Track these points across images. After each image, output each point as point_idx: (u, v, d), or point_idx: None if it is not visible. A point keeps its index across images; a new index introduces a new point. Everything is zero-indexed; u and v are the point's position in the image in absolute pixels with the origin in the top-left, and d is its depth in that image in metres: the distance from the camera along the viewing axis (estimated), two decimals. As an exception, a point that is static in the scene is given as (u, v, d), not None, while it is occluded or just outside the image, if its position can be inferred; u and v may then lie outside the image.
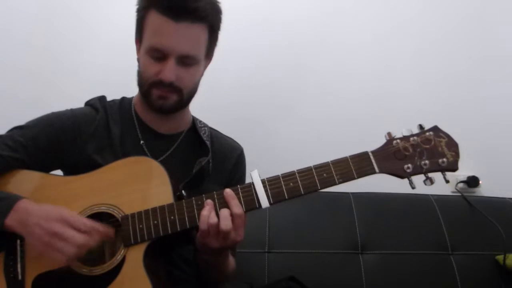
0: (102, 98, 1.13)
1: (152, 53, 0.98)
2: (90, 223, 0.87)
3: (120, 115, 1.10)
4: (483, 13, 1.87)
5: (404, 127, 0.92)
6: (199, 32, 0.99)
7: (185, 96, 1.04)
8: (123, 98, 1.16)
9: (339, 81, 1.85)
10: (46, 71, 1.76)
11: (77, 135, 1.04)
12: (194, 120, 1.18)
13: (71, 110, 1.09)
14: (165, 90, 1.00)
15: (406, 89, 1.85)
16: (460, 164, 0.90)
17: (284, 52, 1.84)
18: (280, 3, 1.88)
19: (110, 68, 1.78)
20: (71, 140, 1.03)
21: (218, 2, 1.02)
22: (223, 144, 1.18)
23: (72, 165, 1.02)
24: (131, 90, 1.20)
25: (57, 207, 0.88)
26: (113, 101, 1.15)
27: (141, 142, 1.08)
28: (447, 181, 0.91)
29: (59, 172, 1.10)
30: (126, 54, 1.79)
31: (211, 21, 1.00)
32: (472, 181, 1.76)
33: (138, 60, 1.05)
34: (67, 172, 1.07)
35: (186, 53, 0.98)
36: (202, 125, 1.18)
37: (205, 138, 1.12)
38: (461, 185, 1.77)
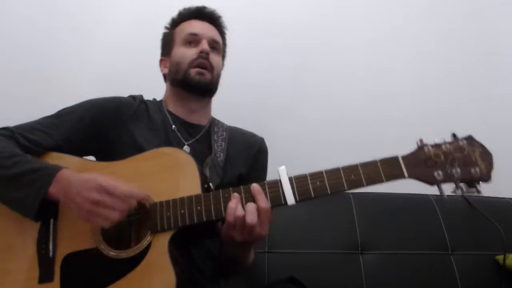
0: (139, 95, 1.24)
1: (187, 40, 1.21)
2: (127, 189, 0.89)
3: (154, 108, 1.22)
4: (483, 13, 1.87)
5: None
6: (215, 30, 1.28)
7: (214, 79, 1.22)
8: (154, 99, 1.28)
9: (339, 81, 1.85)
10: (46, 71, 1.77)
11: (118, 115, 1.13)
12: (213, 120, 1.28)
13: (111, 96, 1.18)
14: (202, 64, 1.18)
15: (406, 89, 1.85)
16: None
17: (284, 53, 1.84)
18: (280, 4, 1.88)
19: (109, 68, 1.78)
20: (113, 119, 1.13)
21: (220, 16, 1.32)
22: (243, 134, 1.28)
23: (112, 143, 1.11)
24: (131, 89, 1.21)
25: (93, 175, 0.91)
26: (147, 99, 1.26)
27: (173, 127, 1.18)
28: (479, 192, 0.90)
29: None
30: (125, 54, 1.81)
31: (222, 26, 1.30)
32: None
33: (169, 64, 1.25)
34: (105, 152, 1.11)
35: (214, 37, 1.25)
36: (220, 126, 1.26)
37: (218, 138, 1.20)
38: (461, 185, 1.76)
